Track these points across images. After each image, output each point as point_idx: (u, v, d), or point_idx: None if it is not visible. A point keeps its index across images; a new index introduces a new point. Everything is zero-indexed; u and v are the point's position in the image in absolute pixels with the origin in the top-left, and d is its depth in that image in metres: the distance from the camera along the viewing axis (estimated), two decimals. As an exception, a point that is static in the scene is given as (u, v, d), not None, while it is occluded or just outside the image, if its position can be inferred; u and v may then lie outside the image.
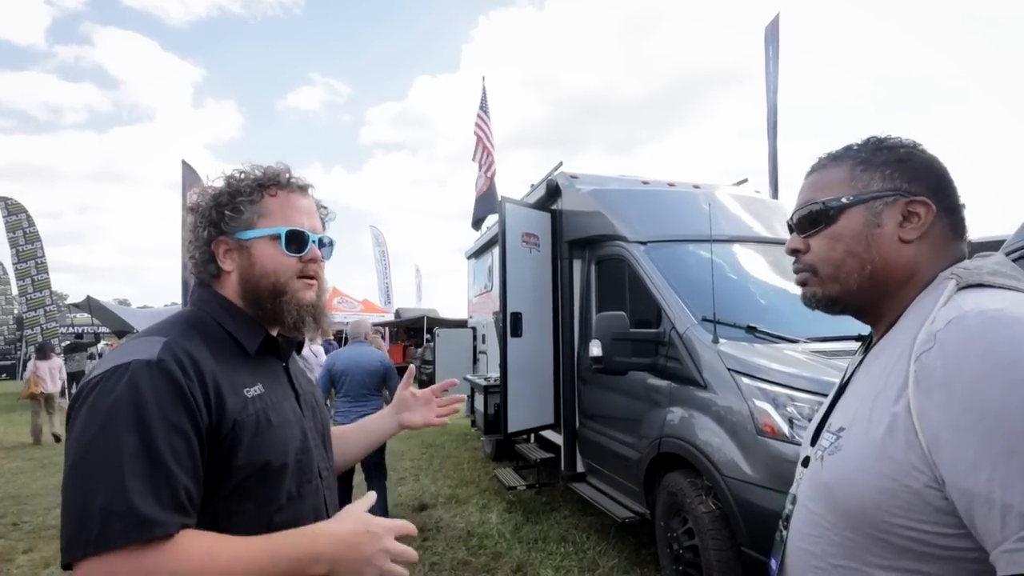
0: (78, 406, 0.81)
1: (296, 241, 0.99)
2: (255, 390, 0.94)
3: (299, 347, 1.17)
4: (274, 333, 1.05)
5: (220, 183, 1.01)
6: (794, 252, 0.89)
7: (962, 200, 0.82)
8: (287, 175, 1.03)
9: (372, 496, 0.98)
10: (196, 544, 0.76)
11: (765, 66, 8.67)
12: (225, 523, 0.85)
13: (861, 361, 0.86)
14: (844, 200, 0.82)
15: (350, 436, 1.31)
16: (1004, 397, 0.57)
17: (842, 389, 0.86)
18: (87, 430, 0.77)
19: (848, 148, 0.86)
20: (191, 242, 1.01)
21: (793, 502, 0.87)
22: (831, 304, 0.85)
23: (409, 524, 0.94)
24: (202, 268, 1.01)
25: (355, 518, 0.89)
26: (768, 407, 2.62)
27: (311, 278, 1.02)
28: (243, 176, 1.01)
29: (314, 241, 1.02)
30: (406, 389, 1.36)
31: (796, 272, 0.89)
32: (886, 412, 0.68)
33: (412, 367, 1.41)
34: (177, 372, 0.82)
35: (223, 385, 0.88)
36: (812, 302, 0.87)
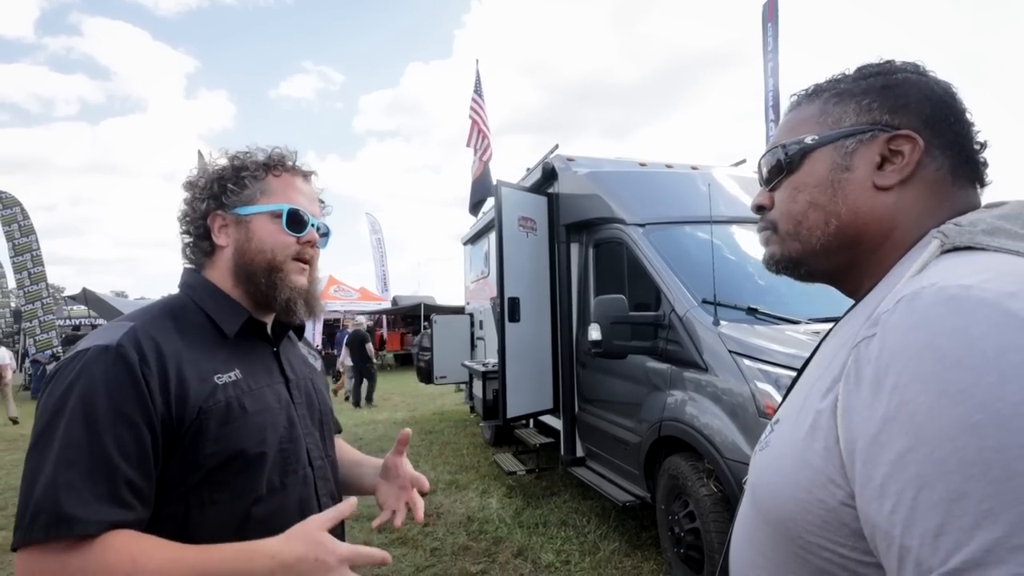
0: (42, 392, 0.80)
1: (297, 221, 0.98)
2: (229, 376, 0.90)
3: (299, 331, 1.13)
4: (268, 321, 1.02)
5: (223, 161, 1.00)
6: (759, 209, 0.74)
7: (979, 136, 0.64)
8: (293, 159, 1.03)
9: (351, 503, 0.85)
10: (123, 551, 0.73)
11: (763, 46, 8.55)
12: (198, 514, 0.82)
13: (827, 335, 0.71)
14: (808, 140, 0.67)
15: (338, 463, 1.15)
16: (931, 410, 0.44)
17: (804, 368, 0.72)
18: (40, 418, 0.77)
19: (831, 79, 0.70)
20: (187, 217, 0.99)
21: (742, 497, 0.74)
22: (793, 267, 0.70)
23: (377, 553, 0.81)
24: (195, 245, 0.99)
25: (307, 540, 0.77)
26: (770, 388, 2.59)
27: (305, 262, 1.01)
28: (248, 155, 1.01)
29: (314, 225, 1.01)
30: (395, 457, 1.13)
31: (759, 231, 0.75)
32: (813, 407, 0.56)
33: (407, 432, 1.13)
34: (133, 358, 0.80)
35: (187, 372, 0.85)
36: (771, 264, 0.73)
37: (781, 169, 0.70)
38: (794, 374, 2.72)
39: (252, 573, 0.75)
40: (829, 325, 2.92)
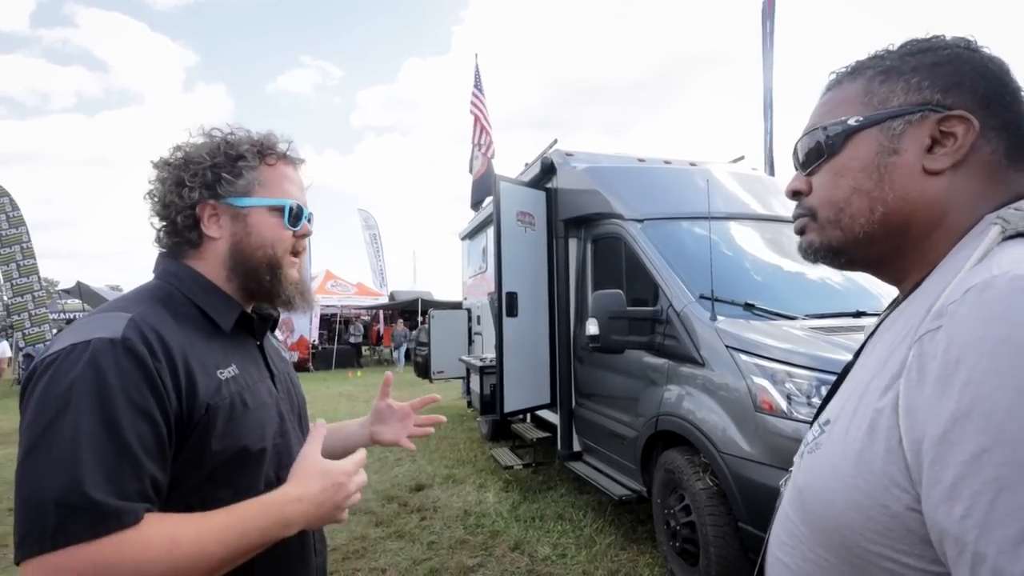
0: (31, 388, 0.73)
1: (297, 216, 0.98)
2: (229, 371, 0.88)
3: (274, 325, 1.11)
4: (249, 310, 0.99)
5: (212, 141, 0.94)
6: (795, 194, 0.70)
7: None
8: (286, 146, 1.00)
9: (319, 425, 0.96)
10: (157, 530, 0.71)
11: (762, 42, 8.56)
12: (200, 512, 0.79)
13: (875, 330, 0.68)
14: (851, 122, 0.62)
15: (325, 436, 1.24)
16: (1012, 408, 0.41)
17: (851, 366, 0.69)
18: (42, 415, 0.70)
19: (873, 55, 0.65)
20: (171, 204, 0.91)
21: (780, 500, 0.72)
22: (832, 256, 0.66)
23: (360, 454, 0.95)
24: (181, 235, 0.93)
25: (318, 473, 0.86)
26: (766, 383, 2.61)
27: (297, 255, 1.00)
28: (239, 139, 0.95)
29: (306, 218, 1.01)
30: (383, 400, 1.24)
31: (795, 219, 0.70)
32: (871, 407, 0.53)
33: (388, 374, 1.28)
34: (144, 352, 0.76)
35: (194, 367, 0.82)
36: (809, 253, 0.68)
37: (821, 152, 0.65)
38: (791, 369, 2.74)
39: (285, 517, 0.81)
40: (826, 321, 2.93)
